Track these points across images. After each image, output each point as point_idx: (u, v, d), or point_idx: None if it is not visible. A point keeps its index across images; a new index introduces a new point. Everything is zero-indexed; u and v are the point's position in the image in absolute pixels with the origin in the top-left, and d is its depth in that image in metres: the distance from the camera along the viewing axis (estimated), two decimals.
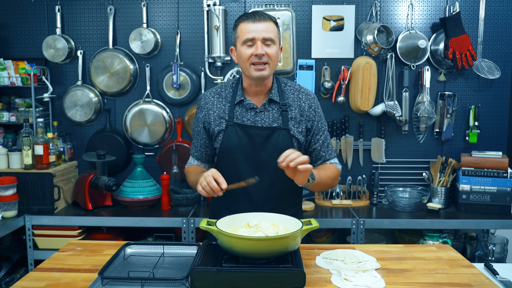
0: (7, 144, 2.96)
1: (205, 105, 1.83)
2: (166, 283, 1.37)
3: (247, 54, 1.68)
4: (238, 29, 1.73)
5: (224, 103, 1.81)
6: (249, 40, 1.68)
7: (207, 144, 1.86)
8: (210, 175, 1.57)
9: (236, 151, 1.76)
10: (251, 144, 1.75)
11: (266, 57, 1.68)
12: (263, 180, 1.72)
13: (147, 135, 3.01)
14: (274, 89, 1.79)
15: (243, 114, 1.78)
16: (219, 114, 1.80)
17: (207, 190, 1.57)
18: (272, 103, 1.79)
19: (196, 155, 1.90)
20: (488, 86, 3.01)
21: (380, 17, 2.95)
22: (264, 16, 1.70)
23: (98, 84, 3.00)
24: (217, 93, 1.84)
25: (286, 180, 1.67)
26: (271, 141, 1.75)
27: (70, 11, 3.03)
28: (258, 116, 1.77)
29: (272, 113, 1.78)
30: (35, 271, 1.52)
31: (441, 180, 2.86)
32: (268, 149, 1.75)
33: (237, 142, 1.76)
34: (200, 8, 2.98)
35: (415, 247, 1.78)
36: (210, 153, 1.89)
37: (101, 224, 2.75)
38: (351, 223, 2.62)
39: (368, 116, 2.98)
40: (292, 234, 1.35)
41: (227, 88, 1.84)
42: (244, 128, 1.76)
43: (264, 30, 1.67)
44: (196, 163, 1.92)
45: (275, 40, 1.70)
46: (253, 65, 1.68)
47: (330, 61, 2.99)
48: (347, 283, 1.39)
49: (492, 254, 2.62)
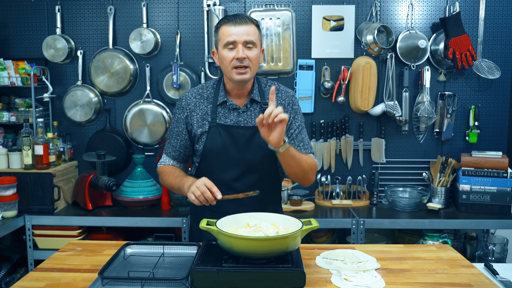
0: (7, 144, 2.96)
1: (187, 106, 1.82)
2: (166, 283, 1.37)
3: (228, 58, 1.69)
4: (219, 32, 1.73)
5: (206, 104, 1.81)
6: (230, 43, 1.68)
7: (187, 145, 1.86)
8: (203, 184, 1.58)
9: (219, 152, 1.77)
10: (235, 144, 1.76)
11: (247, 61, 1.69)
12: (247, 180, 1.77)
13: (147, 135, 3.01)
14: (255, 89, 1.81)
15: (226, 115, 1.79)
16: (202, 115, 1.80)
17: (201, 200, 1.58)
18: (253, 103, 1.80)
19: (173, 154, 1.88)
20: (488, 86, 3.01)
21: (380, 17, 2.95)
22: (245, 19, 1.70)
23: (98, 84, 3.00)
24: (198, 93, 1.84)
25: (268, 180, 1.84)
26: (254, 141, 1.76)
27: (70, 11, 3.03)
28: (241, 116, 1.79)
29: (254, 113, 1.79)
30: (35, 271, 1.52)
31: (441, 180, 2.86)
32: (251, 149, 1.76)
33: (220, 143, 1.76)
34: (200, 8, 2.98)
35: (415, 247, 1.78)
36: (188, 154, 1.89)
37: (101, 224, 2.75)
38: (351, 223, 2.62)
39: (368, 116, 2.98)
40: (292, 234, 1.35)
41: (208, 89, 1.84)
42: (227, 128, 1.77)
43: (245, 33, 1.68)
44: (172, 162, 1.90)
45: (256, 43, 1.71)
46: (234, 68, 1.69)
47: (330, 61, 2.99)
48: (347, 283, 1.40)
49: (492, 254, 2.62)
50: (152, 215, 2.70)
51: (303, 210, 2.80)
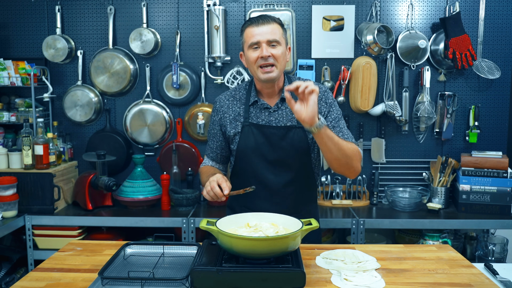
0: (7, 144, 2.96)
1: (220, 108, 1.87)
2: (166, 283, 1.37)
3: (253, 58, 1.72)
4: (244, 34, 1.77)
5: (239, 105, 1.85)
6: (255, 44, 1.71)
7: (223, 146, 1.90)
8: (215, 180, 1.61)
9: (253, 151, 1.79)
10: (268, 143, 1.78)
11: (272, 59, 1.71)
12: (281, 178, 1.79)
13: (147, 135, 3.01)
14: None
15: (257, 114, 1.81)
16: (235, 116, 1.83)
17: (210, 195, 1.61)
18: (285, 102, 1.81)
19: (212, 156, 1.94)
20: (488, 86, 3.01)
21: (380, 17, 2.95)
22: (267, 18, 1.73)
23: (98, 84, 3.00)
24: (231, 95, 1.88)
25: (303, 178, 1.83)
26: (286, 140, 1.78)
27: (70, 11, 3.03)
28: (272, 115, 1.80)
29: (286, 112, 1.80)
30: (35, 271, 1.52)
31: (441, 180, 2.86)
32: (284, 148, 1.78)
33: (253, 142, 1.79)
34: (200, 8, 2.98)
35: (415, 247, 1.78)
36: (225, 155, 1.93)
37: (101, 224, 2.75)
38: (351, 223, 2.62)
39: (368, 116, 2.98)
40: (292, 234, 1.35)
41: (241, 91, 1.88)
42: (259, 128, 1.79)
43: (268, 33, 1.70)
44: (211, 164, 1.95)
45: (280, 41, 1.72)
46: (260, 68, 1.72)
47: (330, 61, 2.99)
48: (347, 283, 1.39)
49: (492, 254, 2.62)
50: (152, 215, 2.70)
51: None
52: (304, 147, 1.79)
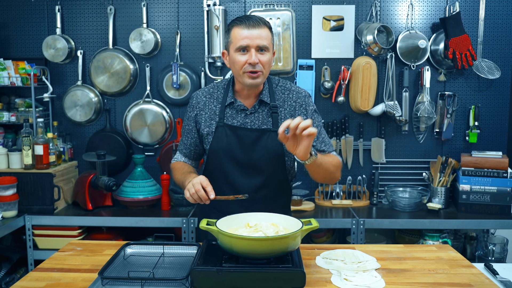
0: (7, 144, 2.96)
1: (196, 104, 1.82)
2: (166, 283, 1.37)
3: (241, 62, 1.65)
4: (231, 34, 1.68)
5: (215, 104, 1.80)
6: (243, 47, 1.64)
7: (197, 143, 1.86)
8: (199, 183, 1.56)
9: (225, 153, 1.76)
10: (240, 146, 1.74)
11: (260, 66, 1.65)
12: (253, 182, 1.75)
13: (147, 135, 3.01)
14: (265, 90, 1.77)
15: (233, 115, 1.77)
16: (210, 115, 1.79)
17: (194, 198, 1.57)
18: (262, 105, 1.77)
19: (185, 152, 1.90)
20: (488, 86, 3.01)
21: (380, 17, 2.95)
22: (258, 22, 1.66)
23: (98, 84, 3.00)
24: (209, 93, 1.83)
25: (276, 183, 1.79)
26: (260, 143, 1.74)
27: (70, 11, 3.03)
28: (248, 118, 1.76)
29: (262, 114, 1.76)
30: (35, 271, 1.52)
31: (441, 180, 2.86)
32: (257, 151, 1.74)
33: (226, 144, 1.75)
34: (200, 8, 2.98)
35: (415, 247, 1.78)
36: (199, 152, 1.89)
37: (101, 224, 2.75)
38: (351, 223, 2.62)
39: (368, 116, 2.98)
40: (292, 234, 1.35)
41: (219, 89, 1.83)
42: (233, 129, 1.75)
43: (259, 37, 1.63)
44: (184, 159, 1.91)
45: (269, 47, 1.67)
46: (246, 72, 1.66)
47: (330, 61, 2.99)
48: (347, 283, 1.39)
49: (492, 254, 2.62)
50: (152, 215, 2.70)
51: (303, 210, 2.80)
52: (278, 151, 1.74)
